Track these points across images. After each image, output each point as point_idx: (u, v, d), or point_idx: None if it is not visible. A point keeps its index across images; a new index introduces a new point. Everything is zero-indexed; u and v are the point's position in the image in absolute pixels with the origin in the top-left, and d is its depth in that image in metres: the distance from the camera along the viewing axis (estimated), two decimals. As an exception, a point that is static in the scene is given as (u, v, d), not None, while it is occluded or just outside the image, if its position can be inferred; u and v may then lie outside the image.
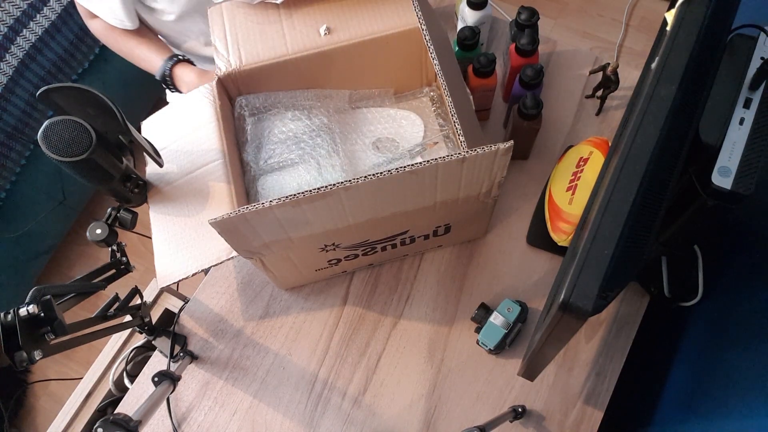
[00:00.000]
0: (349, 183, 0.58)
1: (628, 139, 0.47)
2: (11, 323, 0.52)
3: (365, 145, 0.84)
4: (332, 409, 0.82)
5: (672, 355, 0.87)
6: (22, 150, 1.51)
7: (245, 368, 0.85)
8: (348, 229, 0.69)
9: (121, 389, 0.92)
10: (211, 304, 0.90)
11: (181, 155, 0.76)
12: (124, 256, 0.71)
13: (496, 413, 0.80)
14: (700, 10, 0.52)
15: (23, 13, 1.41)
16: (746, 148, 0.55)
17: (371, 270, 0.90)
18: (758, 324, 0.66)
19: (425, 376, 0.83)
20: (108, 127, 0.63)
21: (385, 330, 0.86)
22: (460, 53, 0.90)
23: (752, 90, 0.57)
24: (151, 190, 0.74)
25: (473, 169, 0.63)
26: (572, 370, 0.82)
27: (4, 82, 1.39)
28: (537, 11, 0.89)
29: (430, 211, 0.71)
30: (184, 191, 0.73)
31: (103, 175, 0.64)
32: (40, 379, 1.67)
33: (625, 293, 0.85)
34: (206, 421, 0.83)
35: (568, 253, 0.59)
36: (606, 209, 0.45)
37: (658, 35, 0.63)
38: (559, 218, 0.82)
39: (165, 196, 0.74)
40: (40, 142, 0.58)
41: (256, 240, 0.66)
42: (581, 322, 0.44)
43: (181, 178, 0.74)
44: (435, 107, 0.87)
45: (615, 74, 0.88)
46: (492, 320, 0.79)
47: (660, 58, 0.51)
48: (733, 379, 0.67)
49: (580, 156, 0.84)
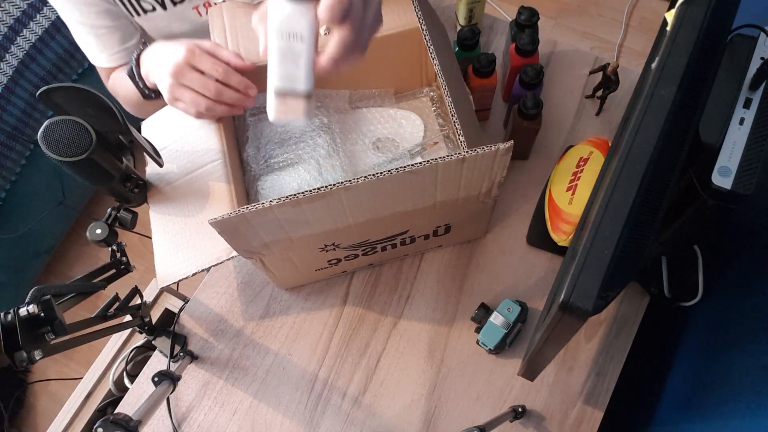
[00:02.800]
0: (349, 183, 0.58)
1: (628, 139, 0.48)
2: (11, 323, 0.52)
3: (365, 145, 0.84)
4: (332, 409, 0.82)
5: (672, 355, 0.87)
6: (22, 150, 1.51)
7: (245, 368, 0.85)
8: (348, 229, 0.69)
9: (121, 389, 0.92)
10: (211, 304, 0.90)
11: (181, 155, 0.75)
12: (124, 256, 0.71)
13: (496, 413, 0.80)
14: (700, 10, 0.52)
15: (23, 13, 1.41)
16: (746, 148, 0.55)
17: (371, 270, 0.90)
18: (758, 324, 0.66)
19: (425, 376, 0.83)
20: (108, 127, 0.63)
21: (385, 330, 0.86)
22: (460, 53, 0.90)
23: (752, 90, 0.57)
24: (151, 190, 0.74)
25: (473, 169, 0.63)
26: (572, 370, 0.82)
27: (4, 82, 1.39)
28: (537, 11, 0.89)
29: (430, 211, 0.71)
30: (184, 191, 0.73)
31: (103, 175, 0.64)
32: (40, 379, 1.67)
33: (625, 293, 0.85)
34: (206, 421, 0.83)
35: (568, 253, 0.59)
36: (606, 209, 0.45)
37: (658, 35, 0.63)
38: (559, 218, 0.82)
39: (165, 196, 0.73)
40: (40, 142, 0.58)
41: (256, 240, 0.66)
42: (581, 322, 0.44)
43: (181, 178, 0.74)
44: (435, 107, 0.87)
45: (615, 74, 0.88)
46: (492, 320, 0.79)
47: (660, 58, 0.51)
48: (733, 379, 0.67)
49: (580, 156, 0.84)
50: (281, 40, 0.51)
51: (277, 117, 0.55)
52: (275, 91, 0.53)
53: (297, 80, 0.53)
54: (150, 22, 0.86)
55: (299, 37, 0.51)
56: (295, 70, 0.52)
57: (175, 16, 0.85)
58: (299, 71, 0.52)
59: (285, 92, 0.53)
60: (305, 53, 0.52)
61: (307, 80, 0.53)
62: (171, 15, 0.85)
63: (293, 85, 0.53)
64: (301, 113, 0.55)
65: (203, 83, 0.68)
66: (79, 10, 0.81)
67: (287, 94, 0.53)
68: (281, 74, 0.52)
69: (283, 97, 0.54)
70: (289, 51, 0.52)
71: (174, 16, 0.85)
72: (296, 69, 0.52)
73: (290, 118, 0.55)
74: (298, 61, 0.52)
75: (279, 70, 0.52)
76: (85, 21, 0.83)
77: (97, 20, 0.83)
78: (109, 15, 0.83)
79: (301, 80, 0.53)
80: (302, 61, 0.52)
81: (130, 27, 0.87)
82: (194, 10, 0.85)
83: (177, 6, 0.84)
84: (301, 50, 0.52)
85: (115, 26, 0.85)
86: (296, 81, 0.53)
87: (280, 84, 0.53)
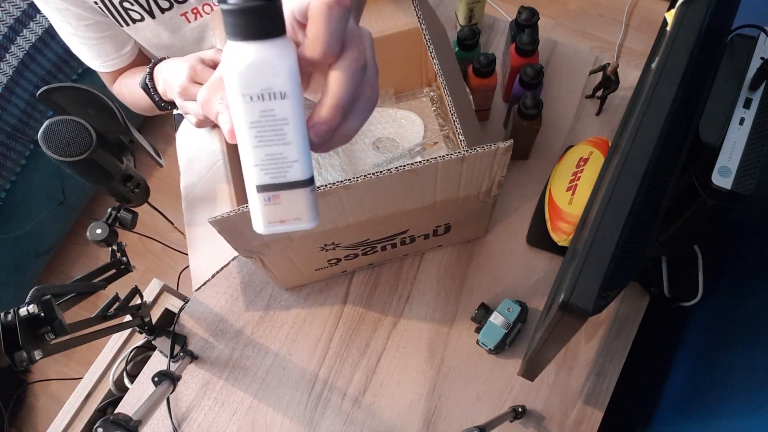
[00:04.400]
0: (349, 182, 0.58)
1: (628, 139, 0.47)
2: (11, 323, 0.52)
3: (365, 145, 0.84)
4: (332, 409, 0.82)
5: (672, 355, 0.87)
6: (22, 150, 1.51)
7: (245, 368, 0.85)
8: (348, 228, 0.69)
9: (121, 389, 0.92)
10: (211, 304, 0.90)
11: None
12: (124, 256, 0.71)
13: (496, 413, 0.80)
14: (700, 10, 0.52)
15: (23, 13, 1.41)
16: (746, 148, 0.55)
17: (371, 270, 0.90)
18: (758, 324, 0.66)
19: (425, 376, 0.83)
20: (108, 127, 0.63)
21: (385, 330, 0.86)
22: (460, 53, 0.90)
23: (752, 90, 0.57)
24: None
25: (473, 168, 0.63)
26: (572, 370, 0.82)
27: (4, 82, 1.39)
28: (537, 11, 0.89)
29: (430, 210, 0.71)
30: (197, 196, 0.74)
31: (103, 175, 0.64)
32: (40, 379, 1.67)
33: (625, 293, 0.85)
34: (206, 421, 0.83)
35: (568, 253, 0.59)
36: (606, 209, 0.45)
37: (658, 35, 0.63)
38: (559, 218, 0.82)
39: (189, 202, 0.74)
40: (40, 142, 0.58)
41: (255, 239, 0.66)
42: (581, 322, 0.44)
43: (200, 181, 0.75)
44: (435, 107, 0.87)
45: (615, 74, 0.88)
46: (492, 320, 0.79)
47: (660, 58, 0.51)
48: (733, 379, 0.67)
49: (580, 156, 0.84)
50: (251, 105, 0.32)
51: (267, 228, 0.35)
52: (257, 189, 0.34)
53: (288, 163, 0.33)
54: (139, 32, 0.86)
55: (278, 94, 0.32)
56: (282, 147, 0.33)
57: (163, 24, 0.85)
58: (289, 148, 0.33)
59: (274, 188, 0.34)
60: (293, 115, 0.33)
61: (303, 158, 0.34)
62: (159, 24, 0.85)
63: (284, 173, 0.34)
64: (305, 215, 0.35)
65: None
66: (68, 23, 0.81)
67: (278, 190, 0.34)
68: (262, 161, 0.33)
69: (273, 197, 0.34)
70: (267, 120, 0.32)
71: (162, 24, 0.85)
72: (284, 146, 0.33)
73: (288, 226, 0.35)
74: (284, 130, 0.33)
75: (256, 156, 0.33)
76: (76, 33, 0.83)
77: (87, 32, 0.83)
78: (99, 27, 0.83)
79: (296, 160, 0.33)
80: (291, 129, 0.33)
81: (123, 34, 0.87)
82: (182, 16, 0.85)
83: (165, 14, 0.84)
84: (285, 112, 0.32)
85: (107, 36, 0.85)
86: (288, 165, 0.33)
87: (264, 177, 0.34)
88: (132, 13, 0.82)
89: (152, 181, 1.78)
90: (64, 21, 0.81)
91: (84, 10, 0.80)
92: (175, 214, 0.89)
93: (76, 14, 0.80)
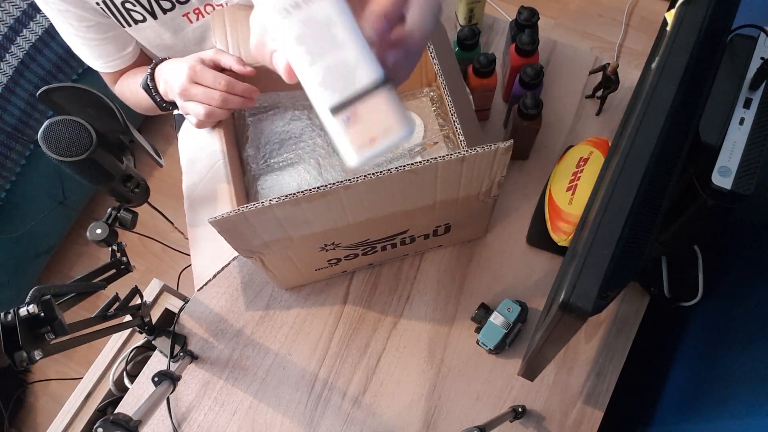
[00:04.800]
0: (349, 182, 0.58)
1: (628, 139, 0.48)
2: (11, 323, 0.52)
3: (365, 145, 0.84)
4: (332, 409, 0.82)
5: (672, 355, 0.87)
6: (22, 150, 1.51)
7: (245, 368, 0.85)
8: (348, 228, 0.69)
9: (121, 389, 0.92)
10: (211, 304, 0.90)
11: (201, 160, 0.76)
12: (124, 256, 0.71)
13: (496, 413, 0.80)
14: (700, 10, 0.52)
15: (23, 13, 1.41)
16: (746, 148, 0.55)
17: (371, 270, 0.90)
18: (758, 324, 0.66)
19: (425, 376, 0.83)
20: (108, 127, 0.63)
21: (385, 330, 0.86)
22: (460, 53, 0.90)
23: (752, 90, 0.57)
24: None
25: (473, 168, 0.63)
26: (572, 370, 0.82)
27: (4, 82, 1.39)
28: (537, 11, 0.89)
29: (430, 210, 0.71)
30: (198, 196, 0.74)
31: (103, 175, 0.64)
32: (40, 379, 1.67)
33: (625, 293, 0.85)
34: (206, 421, 0.83)
35: (568, 253, 0.59)
36: (606, 209, 0.45)
37: (658, 35, 0.63)
38: (559, 218, 0.82)
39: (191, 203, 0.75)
40: (40, 142, 0.58)
41: (255, 239, 0.66)
42: (581, 322, 0.44)
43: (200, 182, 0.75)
44: (435, 107, 0.87)
45: (615, 74, 0.88)
46: (492, 320, 0.79)
47: (660, 58, 0.51)
48: (733, 379, 0.67)
49: (580, 156, 0.84)
50: (290, 19, 0.30)
51: (361, 154, 0.32)
52: (331, 112, 0.31)
53: (351, 69, 0.30)
54: (140, 33, 0.86)
55: (326, 20, 0.30)
56: (337, 53, 0.30)
57: (165, 25, 0.85)
58: (346, 51, 0.30)
59: (347, 103, 0.31)
60: (335, 11, 0.30)
61: (365, 57, 0.30)
62: (161, 24, 0.85)
63: (351, 82, 0.31)
64: (394, 123, 0.31)
65: (207, 95, 0.69)
66: (70, 24, 0.81)
67: (353, 103, 0.31)
68: (324, 77, 0.30)
69: (351, 115, 0.31)
70: (312, 28, 0.30)
71: (164, 25, 0.85)
72: (338, 50, 0.30)
73: (382, 143, 0.32)
74: (332, 32, 0.30)
75: (316, 74, 0.30)
76: (78, 33, 0.83)
77: (89, 33, 0.83)
78: (100, 28, 0.83)
79: (358, 62, 0.30)
80: (339, 29, 0.30)
81: (125, 35, 0.87)
82: (184, 17, 0.85)
83: (167, 14, 0.84)
84: (325, 11, 0.30)
85: (109, 38, 0.85)
86: (351, 71, 0.30)
87: (332, 96, 0.31)
88: (134, 13, 0.82)
89: (152, 181, 1.78)
90: (65, 22, 0.81)
91: (85, 11, 0.80)
92: (175, 214, 0.89)
93: (78, 15, 0.80)
